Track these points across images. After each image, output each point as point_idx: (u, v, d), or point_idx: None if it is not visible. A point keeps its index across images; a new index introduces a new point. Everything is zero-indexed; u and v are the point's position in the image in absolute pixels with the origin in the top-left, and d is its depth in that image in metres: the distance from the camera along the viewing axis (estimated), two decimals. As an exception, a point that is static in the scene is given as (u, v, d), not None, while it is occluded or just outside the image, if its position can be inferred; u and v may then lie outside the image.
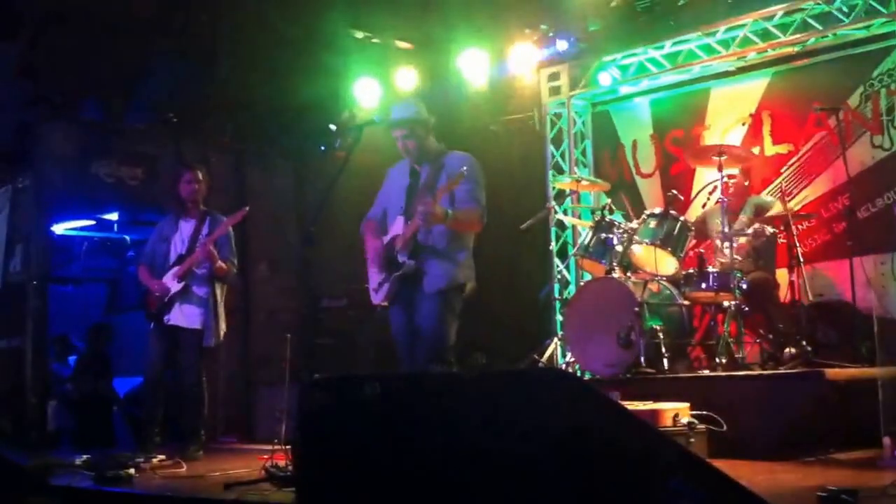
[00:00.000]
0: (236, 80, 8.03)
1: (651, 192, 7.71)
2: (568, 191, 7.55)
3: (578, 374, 6.42)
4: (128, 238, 9.57)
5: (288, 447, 4.59)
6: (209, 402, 6.08)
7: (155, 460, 5.35)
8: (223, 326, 6.02)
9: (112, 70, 7.44)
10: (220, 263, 5.87)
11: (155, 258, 6.07)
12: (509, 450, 2.61)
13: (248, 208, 5.93)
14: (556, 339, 7.01)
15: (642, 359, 5.64)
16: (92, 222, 9.21)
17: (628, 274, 6.18)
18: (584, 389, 2.72)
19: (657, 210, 6.25)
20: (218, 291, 5.98)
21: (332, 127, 8.51)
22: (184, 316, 5.88)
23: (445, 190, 4.53)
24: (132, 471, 4.80)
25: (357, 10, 7.43)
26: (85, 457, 5.44)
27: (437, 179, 4.66)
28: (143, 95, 7.93)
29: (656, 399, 4.89)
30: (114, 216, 9.03)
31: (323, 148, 8.76)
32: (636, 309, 5.70)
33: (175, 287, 5.87)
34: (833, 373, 5.01)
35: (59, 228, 8.93)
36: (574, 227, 7.68)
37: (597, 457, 2.50)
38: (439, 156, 4.79)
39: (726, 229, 5.89)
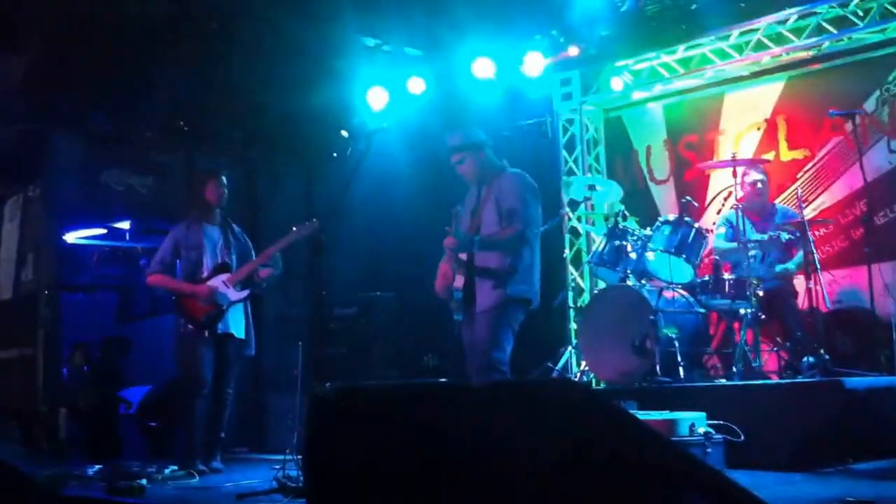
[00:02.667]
0: (247, 87, 8.01)
1: (665, 198, 7.66)
2: (581, 197, 7.50)
3: (593, 382, 6.37)
4: (139, 247, 9.58)
5: (299, 457, 4.56)
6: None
7: (167, 471, 5.32)
8: None
9: (122, 78, 7.43)
10: (272, 271, 5.84)
11: (180, 265, 5.91)
12: (519, 463, 2.56)
13: (316, 221, 5.63)
14: (570, 348, 6.95)
15: (657, 367, 5.59)
16: (103, 231, 9.22)
17: (643, 281, 6.13)
18: (595, 400, 2.67)
19: (671, 217, 6.19)
20: None
21: (344, 133, 8.50)
22: (235, 325, 5.79)
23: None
24: (144, 482, 4.77)
25: (367, 18, 7.41)
26: (97, 467, 5.42)
27: (487, 202, 4.79)
28: (154, 103, 7.92)
29: (672, 408, 4.83)
30: (125, 225, 9.03)
31: (334, 154, 8.74)
32: (651, 317, 5.65)
33: (236, 295, 5.75)
34: (852, 382, 4.94)
35: (71, 237, 8.95)
36: (588, 234, 7.63)
37: (608, 470, 2.45)
38: (495, 177, 4.86)
39: (742, 236, 5.84)
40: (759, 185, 6.29)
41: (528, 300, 4.75)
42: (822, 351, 5.44)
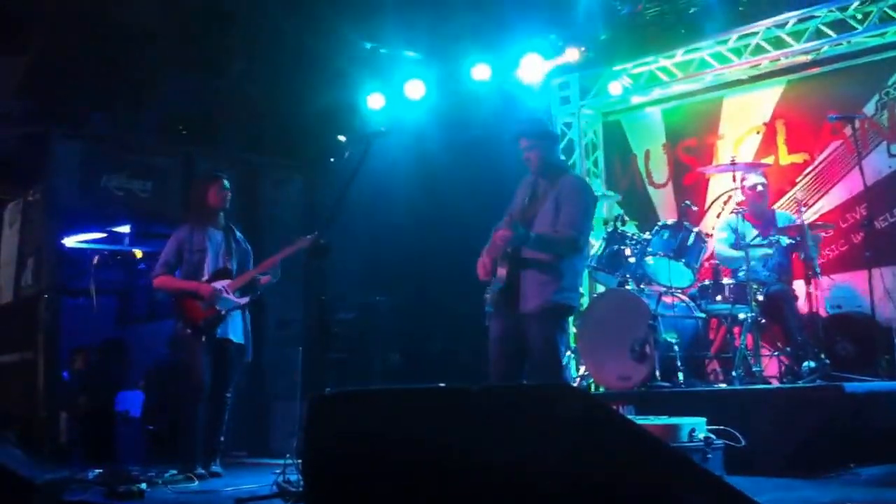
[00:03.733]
0: (246, 91, 8.03)
1: (664, 202, 7.66)
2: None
3: (592, 387, 6.36)
4: (139, 251, 9.58)
5: (300, 462, 4.55)
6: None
7: (167, 475, 5.32)
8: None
9: (122, 82, 7.44)
10: (271, 279, 5.84)
11: (182, 268, 5.85)
12: (519, 467, 2.56)
13: (318, 234, 5.41)
14: (569, 352, 6.94)
15: (657, 372, 5.59)
16: (103, 235, 9.22)
17: (642, 286, 6.12)
18: (593, 405, 2.66)
19: (670, 221, 6.19)
20: None
21: (342, 138, 8.50)
22: (234, 330, 5.78)
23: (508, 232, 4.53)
24: (144, 486, 4.77)
25: (366, 22, 7.43)
26: (97, 471, 5.41)
27: (546, 198, 4.68)
28: (154, 107, 7.93)
29: (672, 413, 4.83)
30: (125, 229, 9.03)
31: (333, 159, 8.75)
32: (650, 321, 5.64)
33: (238, 300, 5.75)
34: (852, 386, 4.93)
35: (71, 241, 8.94)
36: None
37: (607, 475, 2.45)
38: (557, 175, 4.79)
39: (741, 241, 5.84)
40: (760, 187, 6.29)
41: (572, 307, 4.72)
42: (822, 355, 5.44)
